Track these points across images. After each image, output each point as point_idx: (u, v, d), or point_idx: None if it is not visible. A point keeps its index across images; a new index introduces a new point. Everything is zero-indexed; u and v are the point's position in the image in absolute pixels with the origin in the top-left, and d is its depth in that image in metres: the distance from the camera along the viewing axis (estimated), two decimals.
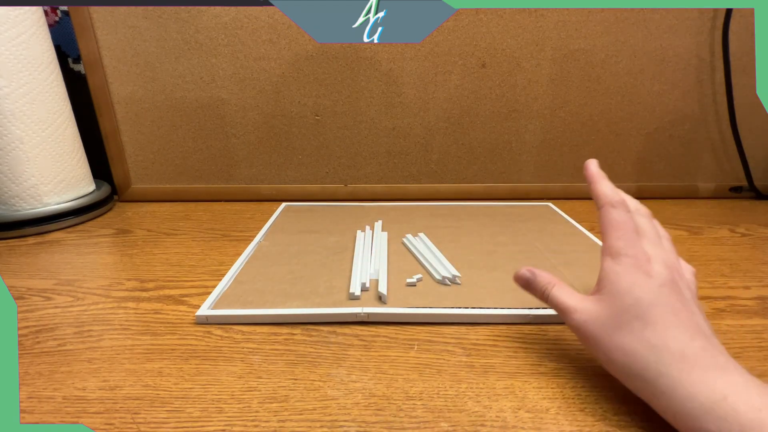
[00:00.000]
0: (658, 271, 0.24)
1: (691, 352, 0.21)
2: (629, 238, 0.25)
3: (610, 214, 0.27)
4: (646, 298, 0.23)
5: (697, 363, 0.20)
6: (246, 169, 0.65)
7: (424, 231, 0.50)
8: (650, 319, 0.22)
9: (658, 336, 0.22)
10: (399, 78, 0.60)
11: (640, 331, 0.22)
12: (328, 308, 0.34)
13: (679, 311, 0.22)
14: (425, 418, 0.25)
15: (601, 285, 0.25)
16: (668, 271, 0.24)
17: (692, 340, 0.21)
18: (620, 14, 0.58)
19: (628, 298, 0.23)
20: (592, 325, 0.24)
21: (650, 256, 0.24)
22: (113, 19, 0.57)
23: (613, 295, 0.24)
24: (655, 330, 0.22)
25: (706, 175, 0.66)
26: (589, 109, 0.62)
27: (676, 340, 0.21)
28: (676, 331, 0.22)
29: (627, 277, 0.24)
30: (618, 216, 0.26)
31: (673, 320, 0.22)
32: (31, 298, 0.38)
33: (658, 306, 0.22)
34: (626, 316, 0.23)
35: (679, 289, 0.24)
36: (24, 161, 0.51)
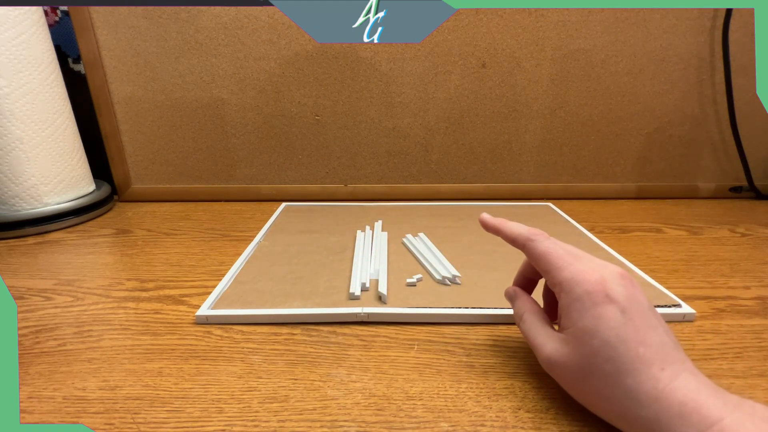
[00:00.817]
0: (616, 292, 0.22)
1: (663, 384, 0.20)
2: (570, 264, 0.24)
3: (537, 248, 0.26)
4: (613, 336, 0.21)
5: (673, 397, 0.20)
6: (246, 169, 0.65)
7: (424, 231, 0.50)
8: (620, 360, 0.21)
9: (632, 378, 0.21)
10: (399, 78, 0.60)
11: (613, 377, 0.21)
12: (328, 308, 0.34)
13: (644, 338, 0.21)
14: (425, 418, 0.25)
15: (565, 323, 0.24)
16: (623, 285, 0.23)
17: (662, 371, 0.21)
18: (620, 14, 0.58)
19: (596, 341, 0.22)
20: (562, 370, 0.23)
21: (603, 277, 0.23)
22: (113, 19, 0.57)
23: (579, 338, 0.22)
24: (628, 372, 0.21)
25: (706, 175, 0.66)
26: (589, 109, 0.62)
27: (649, 378, 0.21)
28: (647, 367, 0.21)
29: (589, 313, 0.22)
30: (546, 246, 0.25)
31: (642, 353, 0.21)
32: (31, 298, 0.38)
33: (625, 342, 0.21)
34: (597, 360, 0.22)
35: (639, 302, 0.23)
36: (24, 161, 0.51)
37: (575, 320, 0.23)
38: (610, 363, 0.21)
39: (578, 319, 0.23)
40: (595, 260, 0.25)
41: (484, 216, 0.30)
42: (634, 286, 0.24)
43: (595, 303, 0.22)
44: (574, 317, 0.23)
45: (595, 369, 0.22)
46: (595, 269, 0.24)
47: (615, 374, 0.21)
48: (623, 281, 0.23)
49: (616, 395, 0.21)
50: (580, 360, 0.22)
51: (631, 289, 0.23)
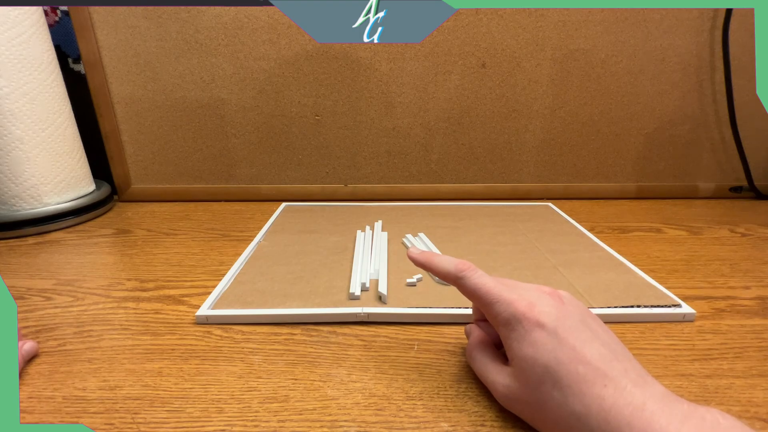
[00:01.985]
0: (546, 314, 0.23)
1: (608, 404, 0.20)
2: (500, 296, 0.24)
3: (467, 285, 0.26)
4: (552, 359, 0.22)
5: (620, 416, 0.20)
6: (246, 169, 0.65)
7: (424, 231, 0.50)
8: (565, 383, 0.21)
9: (578, 402, 0.21)
10: (399, 78, 0.60)
11: (563, 403, 0.21)
12: (328, 308, 0.34)
13: (581, 356, 0.22)
14: (425, 418, 0.25)
15: (509, 355, 0.24)
16: (553, 305, 0.24)
17: (605, 388, 0.21)
18: (620, 14, 0.58)
19: (537, 368, 0.22)
20: (518, 404, 0.24)
21: (532, 301, 0.24)
22: (113, 19, 0.57)
23: (523, 369, 0.23)
24: (574, 395, 0.21)
25: (706, 175, 0.66)
26: (589, 109, 0.62)
27: (593, 398, 0.20)
28: (590, 387, 0.21)
29: (526, 341, 0.23)
30: (475, 282, 0.26)
31: (583, 373, 0.21)
32: (31, 298, 0.38)
33: (564, 364, 0.22)
34: (545, 388, 0.22)
35: (570, 318, 0.23)
36: (24, 161, 0.51)
37: (515, 350, 0.23)
38: (556, 389, 0.22)
39: (518, 348, 0.23)
40: (524, 286, 0.25)
41: (410, 252, 0.30)
42: (563, 302, 0.24)
43: (528, 330, 0.23)
44: (515, 348, 0.23)
45: (546, 397, 0.22)
46: (523, 296, 0.24)
47: (563, 400, 0.21)
48: (551, 300, 0.24)
49: (570, 422, 0.21)
50: (531, 391, 0.23)
51: (560, 307, 0.24)
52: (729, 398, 0.26)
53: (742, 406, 0.25)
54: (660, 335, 0.32)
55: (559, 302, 0.24)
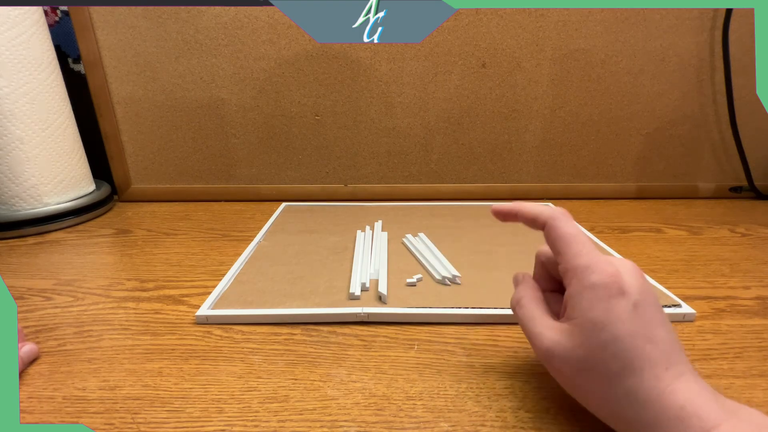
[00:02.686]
0: (630, 284, 0.22)
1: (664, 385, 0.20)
2: (589, 252, 0.23)
3: (558, 228, 0.24)
4: (623, 330, 0.21)
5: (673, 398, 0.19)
6: (246, 169, 0.65)
7: (424, 231, 0.50)
8: (627, 358, 0.20)
9: (635, 377, 0.20)
10: (399, 78, 0.60)
11: (616, 375, 0.20)
12: (328, 308, 0.34)
13: (653, 334, 0.21)
14: (425, 418, 0.25)
15: (571, 312, 0.22)
16: (637, 276, 0.22)
17: (666, 371, 0.20)
18: (620, 14, 0.58)
19: (605, 334, 0.21)
20: (561, 363, 0.22)
21: (618, 269, 0.22)
22: (113, 19, 0.57)
23: (587, 330, 0.21)
24: (633, 370, 0.20)
25: (706, 175, 0.66)
26: (589, 109, 0.62)
27: (651, 377, 0.20)
28: (652, 367, 0.20)
29: (601, 304, 0.21)
30: (569, 229, 0.24)
31: (650, 351, 0.20)
32: (31, 298, 0.38)
33: (634, 337, 0.21)
34: (603, 356, 0.21)
35: (652, 296, 0.22)
36: (24, 161, 0.51)
37: (584, 310, 0.22)
38: (616, 360, 0.21)
39: (588, 309, 0.21)
40: (609, 257, 0.24)
41: (495, 206, 0.29)
42: (644, 279, 0.23)
43: (609, 295, 0.21)
44: (584, 307, 0.22)
45: (600, 365, 0.21)
46: (611, 261, 0.23)
47: (619, 373, 0.20)
48: (636, 274, 0.23)
49: (616, 394, 0.20)
50: (585, 354, 0.21)
51: (644, 282, 0.22)
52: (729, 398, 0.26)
53: None
54: None
55: (642, 276, 0.23)
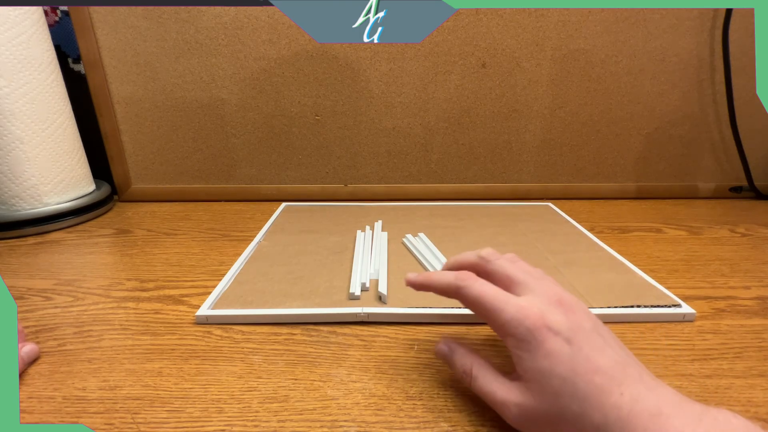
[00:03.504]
0: (556, 321, 0.22)
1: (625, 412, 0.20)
2: (506, 304, 0.23)
3: (468, 295, 0.25)
4: (568, 370, 0.21)
5: (638, 423, 0.19)
6: (246, 169, 0.65)
7: (424, 231, 0.50)
8: (582, 396, 0.21)
9: (598, 413, 0.20)
10: (399, 78, 0.60)
11: (582, 416, 0.21)
12: (328, 308, 0.34)
13: (597, 366, 0.21)
14: (425, 418, 0.25)
15: (520, 371, 0.23)
16: (562, 311, 0.23)
17: (622, 396, 0.20)
18: (620, 14, 0.58)
19: (554, 380, 0.21)
20: (534, 423, 0.22)
21: (541, 311, 0.23)
22: (113, 19, 0.57)
23: (538, 381, 0.22)
24: (593, 407, 0.20)
25: (706, 175, 0.66)
26: (589, 109, 0.62)
27: (612, 408, 0.20)
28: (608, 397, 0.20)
29: (540, 351, 0.22)
30: (476, 290, 0.24)
31: (600, 383, 0.21)
32: (31, 298, 0.38)
33: (580, 374, 0.21)
34: (562, 401, 0.21)
35: (582, 327, 0.23)
36: (24, 161, 0.51)
37: (529, 363, 0.22)
38: (574, 401, 0.21)
39: (532, 360, 0.22)
40: (530, 285, 0.24)
41: (409, 276, 0.28)
42: (573, 310, 0.23)
43: (541, 341, 0.22)
44: (527, 360, 0.22)
45: (565, 411, 0.21)
46: (533, 303, 0.23)
47: (582, 412, 0.21)
48: (561, 308, 0.23)
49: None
50: (548, 406, 0.22)
51: (571, 315, 0.23)
52: (729, 398, 0.26)
53: (742, 406, 0.26)
54: (660, 335, 0.32)
55: (568, 311, 0.23)
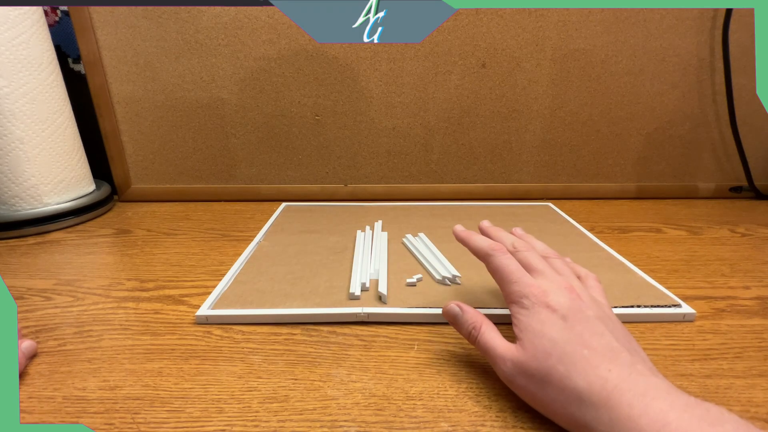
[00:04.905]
0: (557, 302, 0.24)
1: (611, 386, 0.21)
2: (519, 279, 0.26)
3: (492, 263, 0.28)
4: (558, 335, 0.23)
5: (622, 399, 0.20)
6: (246, 169, 0.65)
7: (424, 231, 0.50)
8: (570, 360, 0.22)
9: (582, 378, 0.21)
10: (399, 78, 0.60)
11: (566, 378, 0.22)
12: (328, 308, 0.34)
13: (588, 342, 0.23)
14: (425, 418, 0.25)
15: (518, 332, 0.25)
16: (567, 297, 0.25)
17: (609, 372, 0.21)
18: (620, 14, 0.58)
19: (545, 340, 0.23)
20: (522, 378, 0.24)
21: (546, 289, 0.25)
22: (113, 19, 0.57)
23: (530, 341, 0.24)
24: (578, 372, 0.22)
25: (706, 175, 0.66)
26: (589, 109, 0.62)
27: (597, 378, 0.21)
28: (594, 368, 0.22)
29: (535, 316, 0.24)
30: (500, 261, 0.27)
31: (587, 355, 0.22)
32: (31, 298, 0.38)
33: (570, 343, 0.23)
34: (551, 362, 0.23)
35: (582, 312, 0.24)
36: (24, 161, 0.51)
37: (525, 325, 0.25)
38: (561, 363, 0.22)
39: (527, 323, 0.25)
40: (549, 275, 0.27)
41: (456, 228, 0.32)
42: (581, 298, 0.25)
43: (538, 311, 0.24)
44: (524, 321, 0.25)
45: (552, 371, 0.22)
46: (541, 284, 0.26)
47: (567, 375, 0.22)
48: (568, 294, 0.25)
49: (571, 398, 0.22)
50: (537, 364, 0.23)
51: (576, 301, 0.25)
52: (729, 398, 0.26)
53: (742, 406, 0.25)
54: (660, 335, 0.32)
55: (576, 296, 0.25)
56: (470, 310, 0.28)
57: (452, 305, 0.29)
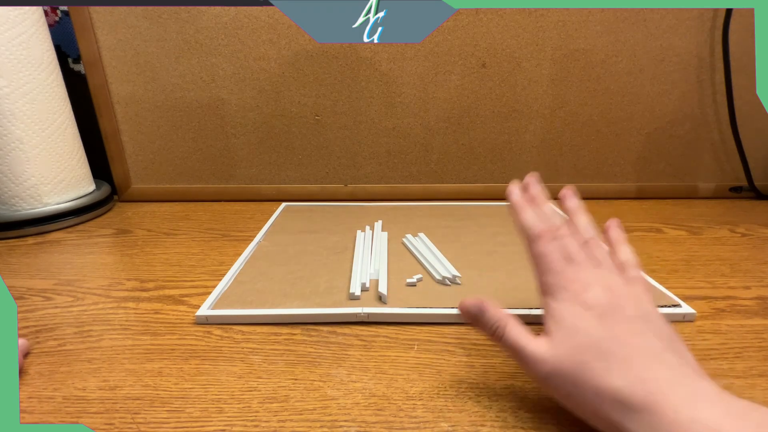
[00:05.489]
0: (594, 298, 0.23)
1: (653, 388, 0.19)
2: (559, 271, 0.25)
3: (534, 249, 0.27)
4: (595, 331, 0.22)
5: (667, 404, 0.19)
6: (246, 169, 0.65)
7: (424, 231, 0.50)
8: (607, 356, 0.21)
9: (621, 378, 0.20)
10: (399, 78, 0.60)
11: (604, 376, 0.20)
12: (328, 308, 0.34)
13: (626, 341, 0.21)
14: (425, 418, 0.25)
15: (549, 326, 0.24)
16: (606, 294, 0.23)
17: (648, 371, 0.20)
18: (620, 14, 0.58)
19: (581, 335, 0.22)
20: (557, 378, 0.22)
21: (586, 283, 0.24)
22: (113, 19, 0.57)
23: (565, 335, 0.22)
24: (618, 370, 0.20)
25: (706, 175, 0.66)
26: (589, 109, 0.62)
27: (637, 380, 0.20)
28: (631, 368, 0.20)
29: (569, 311, 0.23)
30: (543, 249, 0.26)
31: (627, 353, 0.21)
32: (31, 298, 0.38)
33: (607, 339, 0.21)
34: (587, 357, 0.21)
35: (621, 310, 0.23)
36: (24, 161, 0.51)
37: (559, 318, 0.23)
38: (598, 360, 0.21)
39: (561, 317, 0.23)
40: (589, 269, 0.25)
41: (512, 192, 0.31)
42: (621, 297, 0.24)
43: (574, 306, 0.23)
44: (558, 316, 0.23)
45: (587, 368, 0.21)
46: (581, 279, 0.24)
47: (604, 373, 0.20)
48: (607, 292, 0.24)
49: (609, 401, 0.20)
50: (572, 360, 0.22)
51: (614, 299, 0.23)
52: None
53: None
54: None
55: (613, 295, 0.23)
56: (492, 308, 0.26)
57: (471, 301, 0.26)
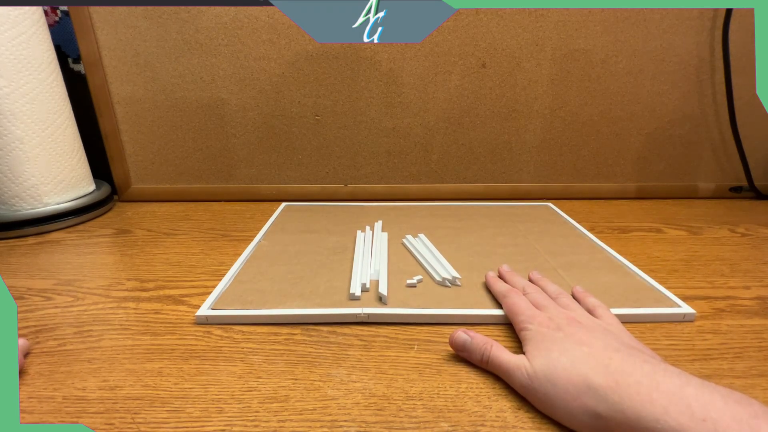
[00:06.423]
0: (558, 321, 0.28)
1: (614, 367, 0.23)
2: (527, 312, 0.30)
3: (506, 302, 0.33)
4: (558, 337, 0.26)
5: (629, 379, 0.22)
6: (246, 169, 0.65)
7: (424, 231, 0.50)
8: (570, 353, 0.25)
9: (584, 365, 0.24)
10: (399, 78, 0.60)
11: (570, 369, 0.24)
12: (328, 308, 0.34)
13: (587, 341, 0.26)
14: (425, 418, 0.25)
15: (525, 347, 0.28)
16: (570, 319, 0.28)
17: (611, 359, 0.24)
18: (620, 14, 0.58)
19: (547, 341, 0.26)
20: (534, 382, 0.25)
21: (553, 315, 0.29)
22: (113, 19, 0.57)
23: (534, 347, 0.27)
24: (579, 360, 0.24)
25: (706, 175, 0.66)
26: (589, 109, 0.62)
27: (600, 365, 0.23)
28: (593, 358, 0.24)
29: (539, 332, 0.28)
30: (512, 301, 0.32)
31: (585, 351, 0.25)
32: (31, 298, 0.38)
33: (568, 341, 0.26)
34: (552, 355, 0.25)
35: (581, 324, 0.28)
36: (24, 161, 0.51)
37: (531, 339, 0.28)
38: (563, 355, 0.25)
39: (532, 338, 0.28)
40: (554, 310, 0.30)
41: (488, 275, 0.38)
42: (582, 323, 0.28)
43: (542, 328, 0.28)
44: (529, 338, 0.28)
45: (556, 364, 0.24)
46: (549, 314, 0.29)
47: (571, 365, 0.24)
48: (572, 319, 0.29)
49: (581, 388, 0.23)
50: (542, 361, 0.25)
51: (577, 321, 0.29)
52: None
53: None
54: (660, 335, 0.32)
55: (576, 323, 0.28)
56: (478, 336, 0.29)
57: (460, 333, 0.29)
